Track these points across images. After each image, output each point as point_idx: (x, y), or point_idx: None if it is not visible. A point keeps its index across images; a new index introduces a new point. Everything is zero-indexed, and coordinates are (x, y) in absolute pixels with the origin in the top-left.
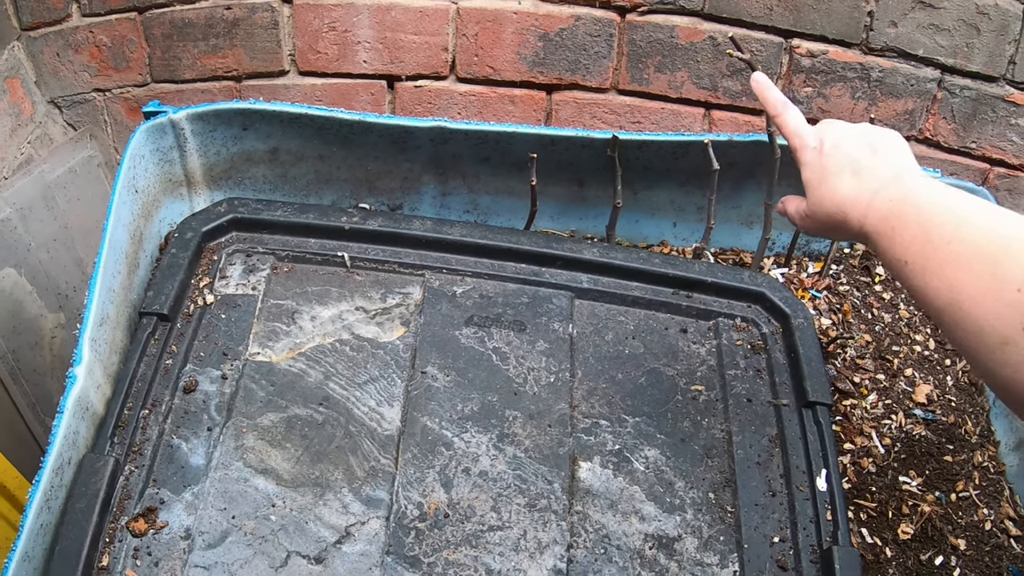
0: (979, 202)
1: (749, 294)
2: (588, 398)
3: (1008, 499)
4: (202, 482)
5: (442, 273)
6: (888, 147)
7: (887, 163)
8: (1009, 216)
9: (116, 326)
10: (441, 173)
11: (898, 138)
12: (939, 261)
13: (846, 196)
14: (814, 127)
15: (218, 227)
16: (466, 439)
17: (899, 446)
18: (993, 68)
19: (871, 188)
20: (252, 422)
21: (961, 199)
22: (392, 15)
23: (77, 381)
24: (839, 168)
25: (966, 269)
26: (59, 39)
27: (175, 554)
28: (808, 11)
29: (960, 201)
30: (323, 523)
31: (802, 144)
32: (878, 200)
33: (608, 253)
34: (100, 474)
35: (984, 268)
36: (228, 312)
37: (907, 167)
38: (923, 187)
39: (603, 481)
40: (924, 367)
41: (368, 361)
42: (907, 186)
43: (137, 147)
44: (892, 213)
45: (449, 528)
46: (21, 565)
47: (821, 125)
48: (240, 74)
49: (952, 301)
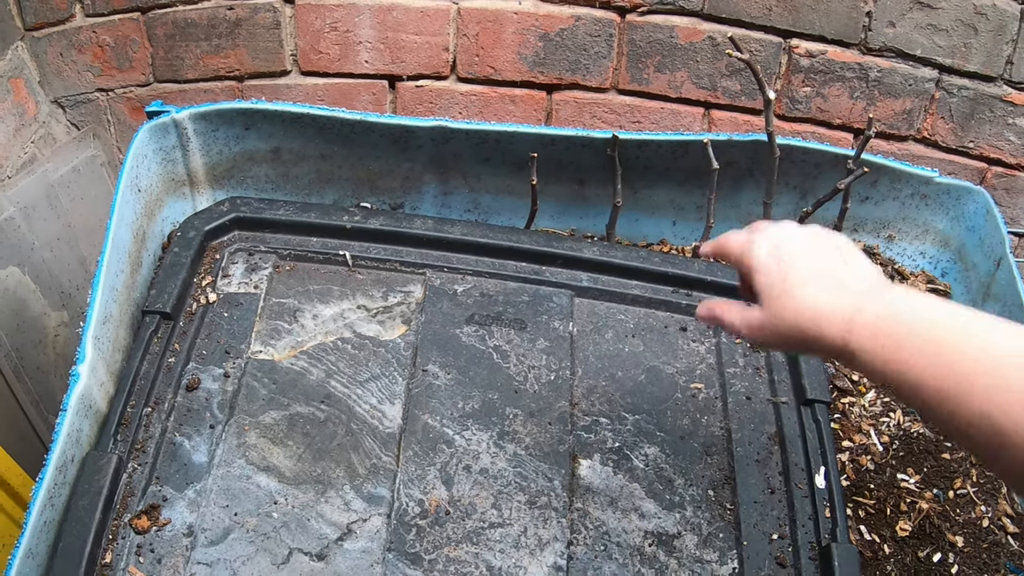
0: (957, 308)
1: None
2: (588, 396)
3: (1006, 497)
4: (204, 479)
5: (443, 272)
6: (854, 256)
7: (859, 274)
8: (996, 321)
9: (119, 324)
10: (442, 172)
11: (852, 243)
12: (963, 383)
13: (821, 310)
14: (751, 232)
15: (220, 226)
16: (467, 437)
17: (897, 444)
18: (991, 68)
19: (850, 303)
20: (254, 420)
21: (945, 310)
22: (393, 15)
23: (80, 379)
24: (805, 279)
25: (1003, 389)
26: (63, 39)
27: (178, 551)
28: (807, 11)
29: (946, 312)
30: (325, 520)
31: (749, 248)
32: (863, 316)
33: (608, 252)
34: (103, 471)
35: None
36: (230, 310)
37: (879, 277)
38: (905, 300)
39: (603, 478)
40: None
41: (369, 359)
42: (889, 300)
43: (140, 146)
44: (882, 331)
45: (450, 525)
46: (25, 562)
47: (762, 229)
48: (242, 74)
49: (994, 427)
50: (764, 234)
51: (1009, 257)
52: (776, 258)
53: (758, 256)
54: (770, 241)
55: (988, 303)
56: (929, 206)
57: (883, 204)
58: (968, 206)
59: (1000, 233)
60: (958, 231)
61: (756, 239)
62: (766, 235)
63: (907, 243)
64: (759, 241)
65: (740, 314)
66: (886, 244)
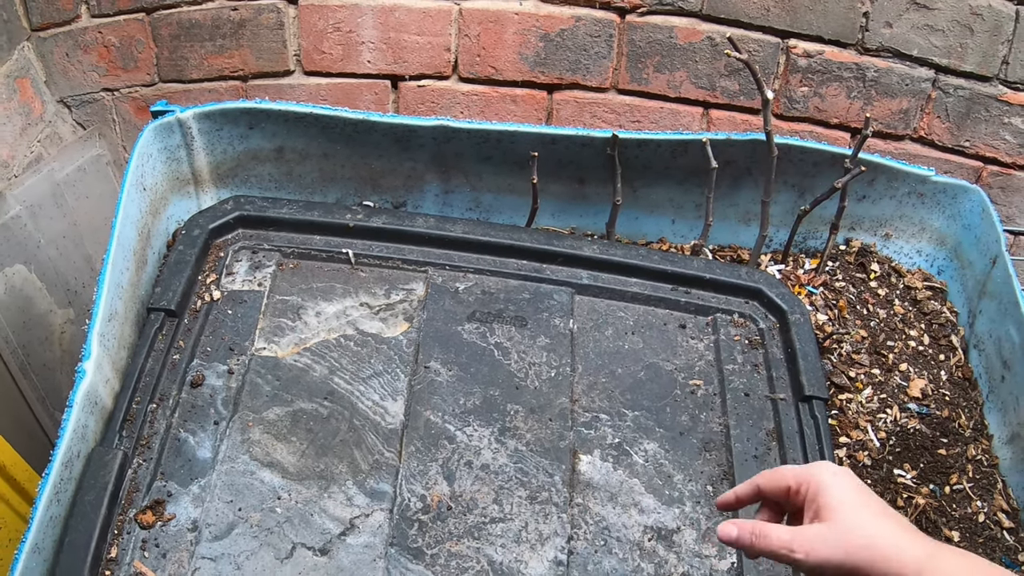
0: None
1: (746, 290)
2: (588, 392)
3: (1001, 492)
4: (209, 475)
5: (445, 269)
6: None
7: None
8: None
9: (124, 322)
10: (444, 171)
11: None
12: None
13: (901, 542)
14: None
15: (225, 224)
16: (468, 433)
17: (894, 440)
18: (986, 68)
19: (924, 548)
20: (258, 416)
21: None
22: (396, 16)
23: (86, 376)
24: (885, 511)
25: None
26: (68, 39)
27: (182, 546)
28: (804, 12)
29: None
30: (328, 515)
31: (813, 469)
32: (936, 562)
33: (608, 250)
34: (109, 467)
35: None
36: (234, 308)
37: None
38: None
39: (603, 474)
40: (918, 362)
41: (372, 356)
42: (953, 562)
43: (145, 146)
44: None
45: (452, 520)
46: (31, 556)
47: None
48: (246, 74)
49: None
50: (824, 465)
51: (1005, 255)
52: (851, 482)
53: (829, 472)
54: (834, 467)
55: (984, 300)
56: (925, 204)
57: (880, 202)
58: (964, 204)
59: (996, 231)
60: (954, 229)
61: (817, 463)
62: (827, 465)
63: (904, 241)
64: (823, 464)
65: (789, 532)
66: (883, 242)
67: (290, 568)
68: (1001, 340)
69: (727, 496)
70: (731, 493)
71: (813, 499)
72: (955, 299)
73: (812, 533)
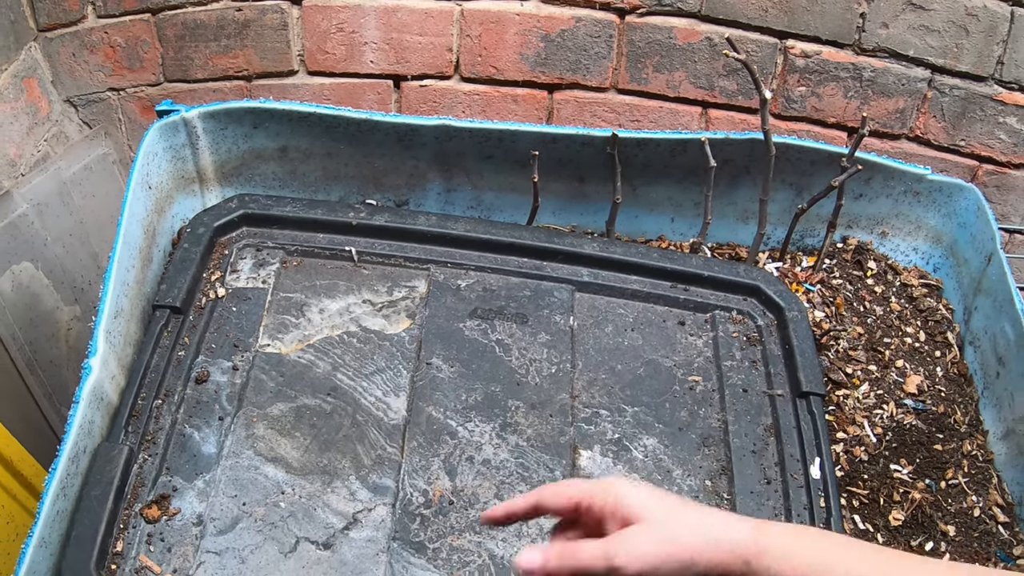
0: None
1: (745, 287)
2: (588, 388)
3: (996, 487)
4: (214, 470)
5: (446, 267)
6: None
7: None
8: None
9: (130, 318)
10: (446, 170)
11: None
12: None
13: (728, 519)
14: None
15: (229, 222)
16: (470, 428)
17: (890, 435)
18: (982, 68)
19: (751, 523)
20: (262, 412)
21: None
22: (398, 16)
23: (92, 372)
24: (693, 504)
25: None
26: (75, 40)
27: (187, 540)
28: (802, 13)
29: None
30: (331, 510)
31: (605, 484)
32: (770, 526)
33: (608, 248)
34: (115, 462)
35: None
36: (239, 305)
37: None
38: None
39: (603, 469)
40: (915, 358)
41: (375, 352)
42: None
43: (150, 145)
44: (792, 536)
45: (453, 515)
46: (38, 550)
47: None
48: (250, 74)
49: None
50: (617, 478)
51: (1000, 253)
52: (650, 488)
53: (626, 483)
54: (628, 479)
55: (979, 298)
56: (922, 203)
57: (877, 201)
58: (960, 203)
59: (991, 229)
60: (950, 227)
61: (607, 478)
62: (620, 478)
63: (900, 239)
64: (616, 478)
65: (603, 542)
66: (879, 240)
67: (294, 562)
68: (996, 337)
69: (495, 510)
70: (501, 507)
71: (614, 510)
72: (951, 296)
73: (630, 535)
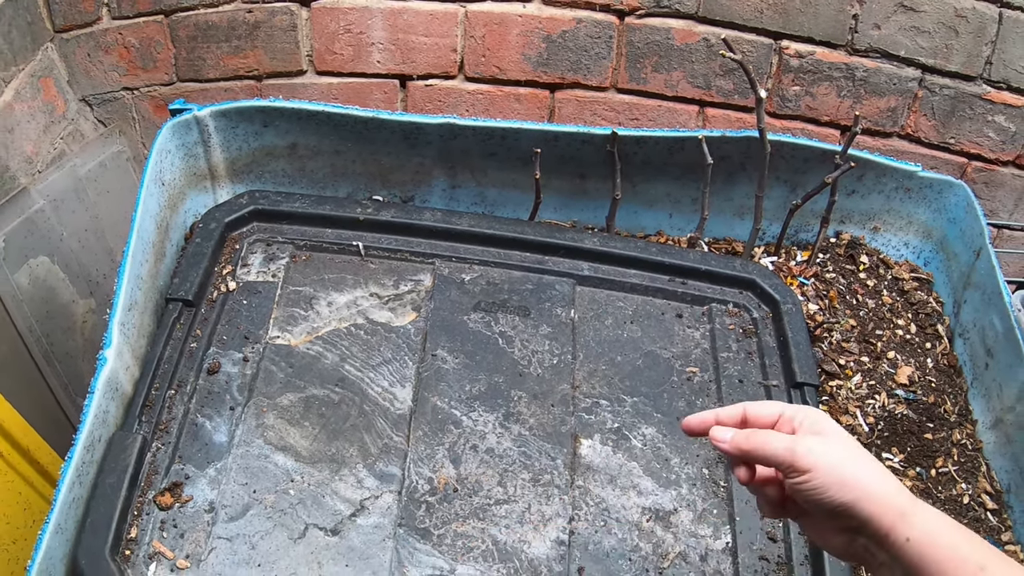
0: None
1: (741, 281)
2: (589, 379)
3: (985, 475)
4: (225, 458)
5: (451, 261)
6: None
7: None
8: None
9: (144, 311)
10: (450, 167)
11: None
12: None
13: (889, 480)
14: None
15: (240, 218)
16: (474, 418)
17: (882, 424)
18: (971, 68)
19: (909, 496)
20: (272, 402)
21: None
22: (404, 18)
23: (107, 363)
24: (873, 458)
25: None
26: (90, 40)
27: (199, 526)
28: (796, 14)
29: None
30: (339, 497)
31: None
32: (921, 507)
33: (608, 242)
34: (129, 451)
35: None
36: (249, 298)
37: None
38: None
39: (603, 457)
40: (906, 350)
41: (381, 344)
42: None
43: (164, 142)
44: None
45: (458, 502)
46: (54, 537)
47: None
48: (261, 74)
49: None
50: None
51: (988, 247)
52: (843, 430)
53: (825, 415)
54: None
55: (968, 291)
56: (912, 199)
57: (869, 197)
58: (949, 199)
59: (980, 224)
60: (940, 223)
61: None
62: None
63: (891, 234)
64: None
65: (790, 438)
66: (871, 235)
67: (303, 547)
68: (985, 329)
69: (704, 416)
70: (710, 413)
71: (812, 425)
72: (941, 290)
73: (819, 442)
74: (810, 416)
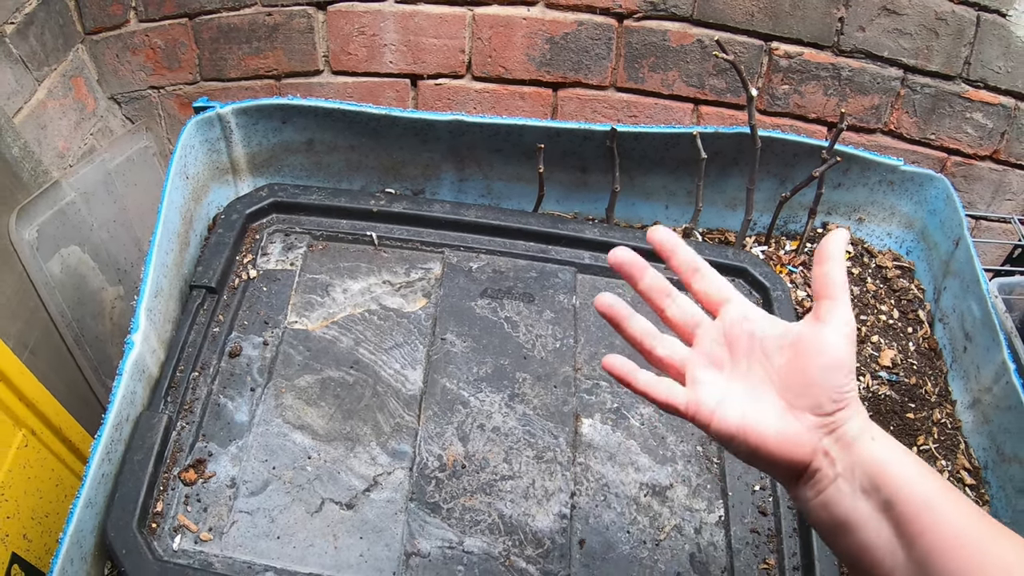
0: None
1: (733, 269)
2: (589, 362)
3: (964, 452)
4: (246, 437)
5: (459, 251)
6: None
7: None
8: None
9: (169, 298)
10: (459, 161)
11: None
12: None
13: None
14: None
15: (260, 209)
16: (481, 398)
17: (866, 404)
18: (950, 68)
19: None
20: (290, 383)
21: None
22: (415, 21)
23: (134, 347)
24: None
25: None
26: (118, 42)
27: (222, 501)
28: (785, 17)
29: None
30: (354, 473)
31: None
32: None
33: (607, 233)
34: (155, 429)
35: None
36: (269, 285)
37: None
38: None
39: (603, 436)
40: (889, 334)
41: (394, 329)
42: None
43: (188, 138)
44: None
45: (466, 478)
46: (85, 511)
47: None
48: (280, 73)
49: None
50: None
51: (967, 237)
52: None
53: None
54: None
55: (948, 279)
56: (895, 192)
57: (854, 190)
58: (930, 192)
59: (959, 216)
60: (921, 214)
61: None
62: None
63: (875, 225)
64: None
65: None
66: (856, 226)
67: (319, 521)
68: (963, 314)
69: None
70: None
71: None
72: (922, 277)
73: (709, 393)
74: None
